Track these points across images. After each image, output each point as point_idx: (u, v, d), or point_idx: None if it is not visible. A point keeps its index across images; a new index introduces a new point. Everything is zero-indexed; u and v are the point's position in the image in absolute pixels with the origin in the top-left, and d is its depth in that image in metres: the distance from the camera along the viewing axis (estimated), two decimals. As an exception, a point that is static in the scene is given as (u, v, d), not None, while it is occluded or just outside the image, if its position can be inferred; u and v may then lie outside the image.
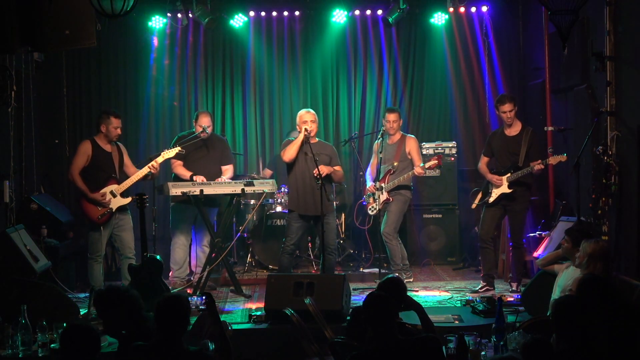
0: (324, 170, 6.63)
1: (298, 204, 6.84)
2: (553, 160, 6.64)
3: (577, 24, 5.46)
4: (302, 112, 6.90)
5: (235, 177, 7.59)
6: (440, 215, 8.49)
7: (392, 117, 7.40)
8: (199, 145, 7.16)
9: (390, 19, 8.67)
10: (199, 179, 6.95)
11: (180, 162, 7.11)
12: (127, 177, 6.86)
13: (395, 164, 7.33)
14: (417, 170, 7.16)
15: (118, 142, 6.95)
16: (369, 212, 7.49)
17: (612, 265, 5.84)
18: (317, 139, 6.96)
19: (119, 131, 6.81)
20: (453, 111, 9.10)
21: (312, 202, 6.73)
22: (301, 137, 6.72)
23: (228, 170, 7.27)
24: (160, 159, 6.81)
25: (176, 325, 3.64)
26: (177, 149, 6.87)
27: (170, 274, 7.17)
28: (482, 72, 8.99)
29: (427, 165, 7.14)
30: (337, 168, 6.88)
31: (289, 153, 6.78)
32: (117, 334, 4.11)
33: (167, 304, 3.68)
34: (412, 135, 7.59)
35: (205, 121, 7.16)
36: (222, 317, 5.35)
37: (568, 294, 4.67)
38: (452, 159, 8.53)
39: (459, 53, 9.02)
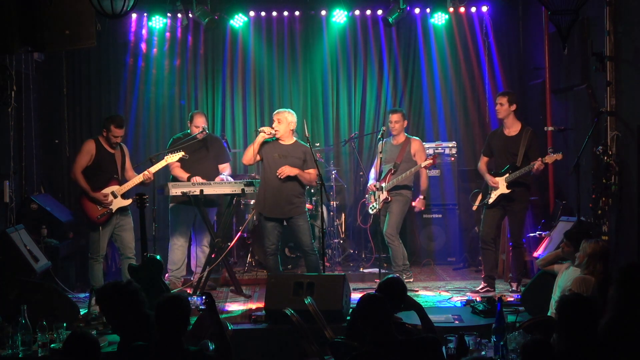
0: (284, 171, 6.50)
1: (264, 205, 6.70)
2: (549, 158, 6.61)
3: (577, 24, 5.47)
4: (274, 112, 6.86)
5: (235, 177, 7.58)
6: (440, 215, 8.49)
7: (394, 117, 7.41)
8: (197, 145, 7.16)
9: (390, 19, 8.67)
10: (196, 180, 6.94)
11: (178, 164, 7.09)
12: (126, 178, 6.87)
13: (397, 163, 7.33)
14: (416, 169, 7.17)
15: (122, 144, 6.95)
16: (370, 210, 7.49)
17: (612, 265, 5.84)
18: (295, 139, 6.78)
19: (118, 139, 6.79)
20: (453, 111, 9.09)
21: (276, 204, 6.61)
22: (257, 138, 6.64)
23: (225, 168, 7.29)
24: (163, 163, 6.80)
25: (176, 326, 3.64)
26: (180, 154, 6.83)
27: (166, 275, 7.17)
28: (482, 72, 8.99)
29: (424, 164, 7.15)
30: (309, 171, 6.61)
31: (246, 157, 6.70)
32: (120, 330, 4.14)
33: (167, 305, 3.68)
34: (417, 138, 7.58)
35: (201, 121, 7.17)
36: (222, 317, 5.35)
37: (575, 292, 4.66)
38: (452, 159, 8.53)
39: (459, 53, 9.02)
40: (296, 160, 6.63)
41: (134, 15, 8.51)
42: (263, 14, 8.87)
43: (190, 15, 8.53)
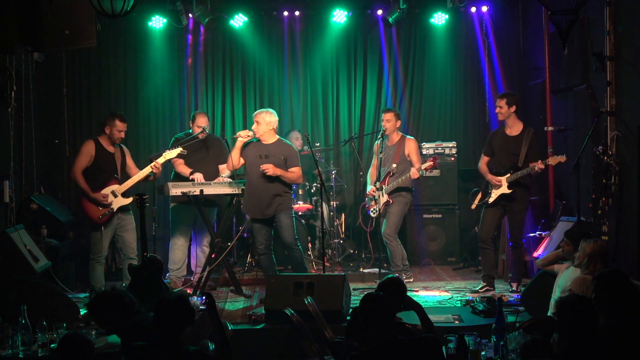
0: (268, 168, 6.46)
1: (248, 207, 6.76)
2: (552, 160, 6.62)
3: (577, 24, 5.47)
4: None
5: (235, 177, 7.57)
6: (440, 215, 8.49)
7: (386, 116, 7.39)
8: (198, 145, 7.18)
9: (390, 19, 8.68)
10: (198, 176, 6.96)
11: (181, 161, 7.12)
12: (128, 177, 6.87)
13: (394, 165, 7.31)
14: (414, 173, 7.14)
15: (121, 144, 6.96)
16: (371, 214, 7.48)
17: (612, 265, 5.84)
18: (278, 137, 6.74)
19: (122, 134, 6.83)
20: (453, 111, 9.10)
21: (258, 205, 6.62)
22: (236, 144, 6.64)
23: (225, 169, 7.29)
24: (161, 160, 6.81)
25: (177, 327, 3.63)
26: (178, 150, 6.87)
27: (167, 275, 7.17)
28: (482, 72, 8.98)
29: (424, 167, 7.12)
30: (292, 169, 6.61)
31: (229, 163, 6.67)
32: (117, 332, 4.15)
33: (172, 305, 3.65)
34: (412, 137, 7.56)
35: (203, 121, 7.18)
36: (222, 317, 5.35)
37: (575, 293, 4.66)
38: (452, 159, 8.53)
39: (459, 53, 9.02)
40: (278, 159, 6.60)
41: (134, 15, 8.50)
42: (263, 14, 8.87)
43: (190, 15, 8.53)
